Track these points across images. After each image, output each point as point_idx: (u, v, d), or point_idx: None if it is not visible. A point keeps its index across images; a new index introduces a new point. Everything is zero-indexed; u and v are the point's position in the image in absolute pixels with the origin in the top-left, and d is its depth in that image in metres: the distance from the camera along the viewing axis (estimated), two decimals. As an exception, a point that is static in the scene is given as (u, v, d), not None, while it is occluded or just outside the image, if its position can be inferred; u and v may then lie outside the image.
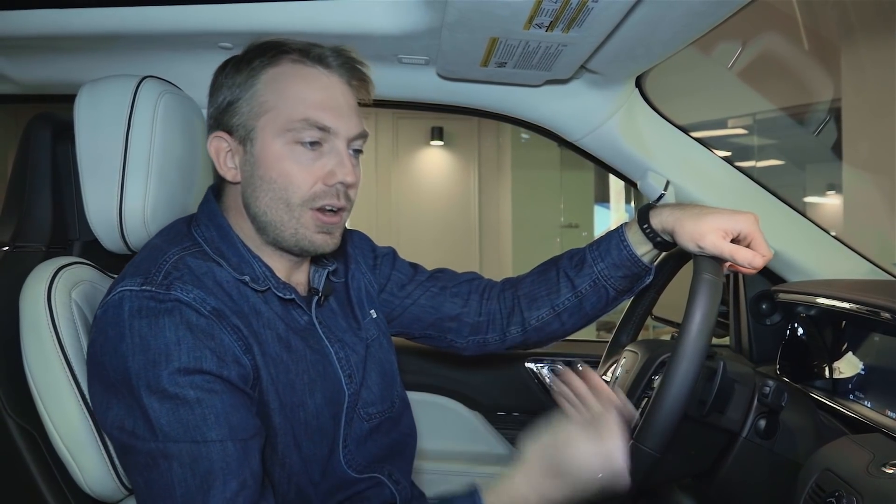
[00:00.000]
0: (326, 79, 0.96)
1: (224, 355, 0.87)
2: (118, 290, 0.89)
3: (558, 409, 0.96)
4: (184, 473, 0.82)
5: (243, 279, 0.95)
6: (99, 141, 1.09)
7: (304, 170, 0.94)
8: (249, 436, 0.87)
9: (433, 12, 1.09)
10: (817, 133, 3.87)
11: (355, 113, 0.98)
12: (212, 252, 0.97)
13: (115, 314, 0.87)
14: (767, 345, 1.49)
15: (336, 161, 0.95)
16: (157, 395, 0.83)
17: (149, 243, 1.01)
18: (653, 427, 0.91)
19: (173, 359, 0.84)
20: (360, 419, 1.05)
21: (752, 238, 1.01)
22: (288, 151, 0.94)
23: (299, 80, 0.95)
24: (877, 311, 1.11)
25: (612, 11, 0.96)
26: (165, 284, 0.88)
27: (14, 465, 1.02)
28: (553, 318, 1.19)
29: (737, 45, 2.75)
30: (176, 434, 0.82)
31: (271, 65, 0.95)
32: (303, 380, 0.97)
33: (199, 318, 0.87)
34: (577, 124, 1.43)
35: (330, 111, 0.94)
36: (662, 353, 1.17)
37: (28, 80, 1.44)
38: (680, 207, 1.07)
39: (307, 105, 0.94)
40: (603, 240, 1.16)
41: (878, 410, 1.12)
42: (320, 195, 0.95)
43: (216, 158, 0.99)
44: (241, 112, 0.96)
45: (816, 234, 1.47)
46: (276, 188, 0.94)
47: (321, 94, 0.95)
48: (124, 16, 1.19)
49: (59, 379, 0.99)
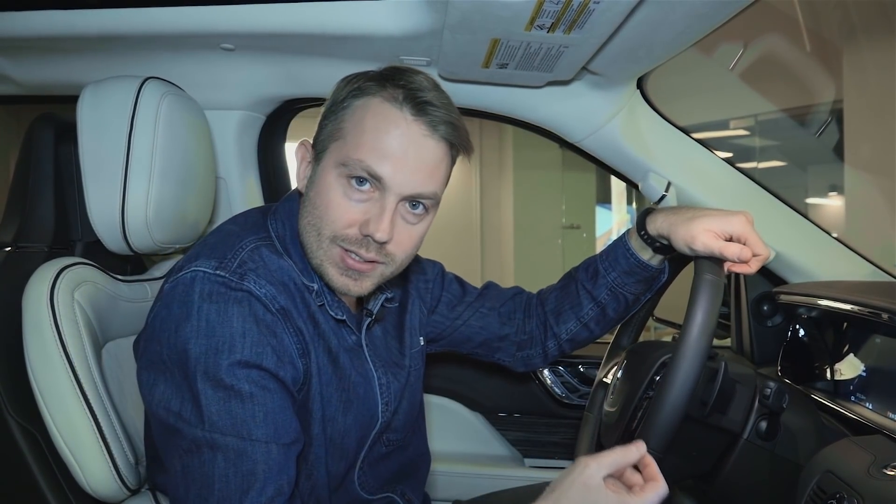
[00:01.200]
0: (406, 127, 0.88)
1: (283, 355, 0.87)
2: (191, 268, 0.87)
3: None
4: (227, 468, 0.81)
5: (311, 286, 0.94)
6: (102, 142, 1.09)
7: (344, 207, 0.89)
8: (291, 440, 0.86)
9: (435, 14, 1.09)
10: (819, 134, 3.87)
11: (424, 171, 0.89)
12: (282, 248, 0.95)
13: (184, 292, 0.85)
14: (768, 346, 1.49)
15: (377, 213, 0.88)
16: (212, 382, 0.82)
17: (223, 227, 0.99)
18: (654, 428, 0.91)
19: (236, 350, 0.83)
20: (381, 444, 1.05)
21: (745, 238, 0.99)
22: (339, 185, 0.89)
23: (379, 119, 0.89)
24: (878, 312, 1.11)
25: (613, 13, 0.96)
26: (239, 273, 0.87)
27: (16, 465, 1.02)
28: (581, 328, 1.23)
29: (738, 47, 2.75)
30: (223, 425, 0.81)
31: (369, 93, 0.90)
32: (340, 397, 0.96)
33: (267, 313, 0.87)
34: (579, 125, 1.43)
35: (390, 162, 0.87)
36: (664, 354, 1.17)
37: (31, 81, 1.45)
38: (673, 211, 1.07)
39: (371, 148, 0.88)
40: (611, 249, 1.18)
41: (879, 412, 1.12)
42: (350, 239, 0.90)
43: (298, 163, 0.97)
44: (325, 130, 0.94)
45: (818, 236, 1.47)
46: (316, 213, 0.91)
47: (391, 140, 0.88)
48: (127, 17, 1.19)
49: (62, 379, 0.99)
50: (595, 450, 1.34)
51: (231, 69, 1.38)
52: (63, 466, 1.02)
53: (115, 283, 1.14)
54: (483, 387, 1.79)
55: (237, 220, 1.01)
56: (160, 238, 1.14)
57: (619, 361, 1.32)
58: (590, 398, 1.43)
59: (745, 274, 1.02)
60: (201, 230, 1.27)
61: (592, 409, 1.40)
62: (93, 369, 1.02)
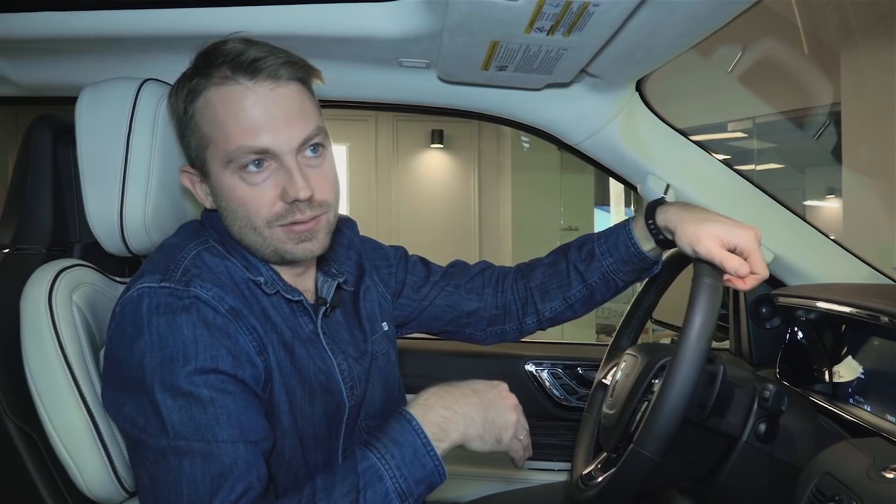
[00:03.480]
0: (253, 94, 0.88)
1: (239, 355, 0.87)
2: (137, 286, 0.88)
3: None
4: (194, 472, 0.81)
5: (257, 280, 0.95)
6: (100, 143, 1.09)
7: (257, 193, 0.90)
8: (259, 438, 0.86)
9: (434, 16, 1.09)
10: (817, 137, 3.88)
11: (297, 117, 0.90)
12: (223, 250, 0.96)
13: (133, 311, 0.86)
14: (767, 349, 1.49)
15: (286, 178, 0.90)
16: (170, 392, 0.82)
17: (165, 242, 1.00)
18: (653, 431, 0.91)
19: (190, 357, 0.83)
20: (360, 431, 1.05)
21: (748, 254, 0.98)
22: (238, 180, 0.90)
23: (226, 105, 0.88)
24: (877, 315, 1.11)
25: (613, 15, 0.96)
26: (184, 281, 0.88)
27: (13, 467, 1.02)
28: (566, 308, 1.22)
29: (737, 49, 2.76)
30: (187, 432, 0.82)
31: (202, 90, 0.90)
32: (303, 388, 0.97)
33: (217, 316, 0.87)
34: (578, 128, 1.43)
35: (263, 130, 0.88)
36: (662, 357, 1.17)
37: (29, 82, 1.45)
38: (685, 208, 1.06)
39: (237, 132, 0.88)
40: (611, 233, 1.16)
41: (877, 414, 1.12)
42: (283, 214, 0.91)
43: (192, 190, 0.98)
44: (191, 146, 0.94)
45: (816, 238, 1.47)
46: (239, 215, 0.92)
47: (249, 113, 0.88)
48: (125, 18, 1.19)
49: (60, 381, 0.98)
50: (594, 452, 1.34)
51: (230, 71, 1.38)
52: (61, 469, 1.02)
53: (113, 285, 1.14)
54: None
55: (178, 232, 1.02)
56: (158, 240, 1.13)
57: (618, 363, 1.32)
58: (588, 400, 1.43)
59: (738, 289, 1.01)
60: (200, 232, 1.27)
61: (591, 411, 1.40)
62: (91, 371, 1.02)
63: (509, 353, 1.36)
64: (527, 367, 1.77)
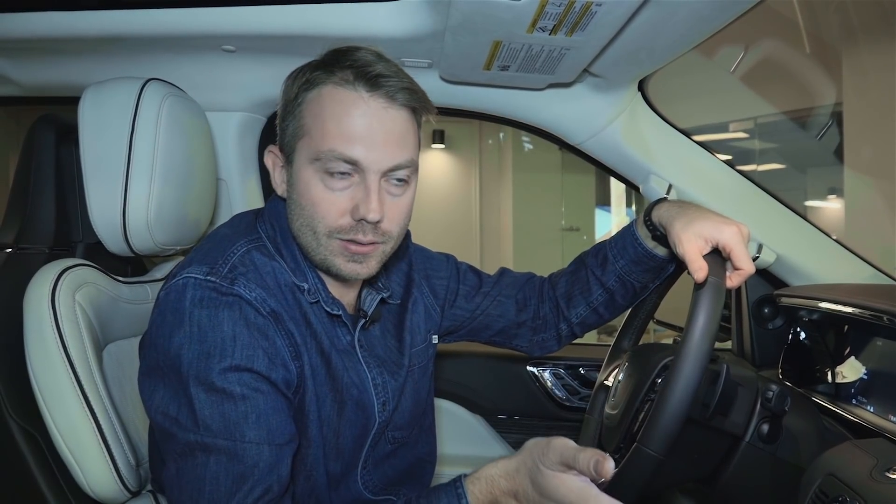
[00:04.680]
0: (365, 105, 0.88)
1: (275, 358, 0.88)
2: (183, 275, 0.88)
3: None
4: (218, 470, 0.82)
5: (301, 286, 0.95)
6: (103, 143, 1.09)
7: (330, 200, 0.90)
8: (285, 441, 0.87)
9: (436, 15, 1.09)
10: (819, 137, 3.87)
11: (395, 142, 0.90)
12: (273, 250, 0.96)
13: (176, 299, 0.87)
14: (769, 349, 1.49)
15: (363, 196, 0.89)
16: (204, 386, 0.83)
17: (217, 231, 1.00)
18: (656, 430, 0.90)
19: (227, 354, 0.84)
20: (385, 442, 1.05)
21: (730, 250, 0.97)
22: (318, 179, 0.90)
23: (335, 106, 0.89)
24: (879, 315, 1.11)
25: (615, 15, 0.96)
26: (230, 278, 0.88)
27: (16, 467, 1.02)
28: (590, 312, 1.23)
29: (739, 49, 2.76)
30: (216, 428, 0.82)
31: (320, 83, 0.91)
32: (334, 398, 0.97)
33: (258, 316, 0.87)
34: (580, 128, 1.43)
35: (360, 143, 0.88)
36: (665, 357, 1.17)
37: (32, 82, 1.45)
38: (679, 206, 1.06)
39: (335, 135, 0.88)
40: (620, 236, 1.18)
41: (880, 415, 1.12)
42: (346, 229, 0.91)
43: (271, 171, 0.98)
44: (287, 131, 0.94)
45: (818, 238, 1.47)
46: (305, 214, 0.92)
47: (354, 122, 0.88)
48: (128, 18, 1.19)
49: (63, 381, 0.99)
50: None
51: (232, 71, 1.38)
52: (64, 468, 1.02)
53: (115, 284, 1.14)
54: (484, 389, 1.79)
55: (232, 223, 1.02)
56: (161, 239, 1.14)
57: (620, 364, 1.32)
58: (591, 401, 1.43)
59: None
60: (202, 232, 1.27)
61: (593, 412, 1.40)
62: (94, 371, 1.02)
63: (511, 353, 1.36)
64: (529, 367, 1.77)
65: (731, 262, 0.98)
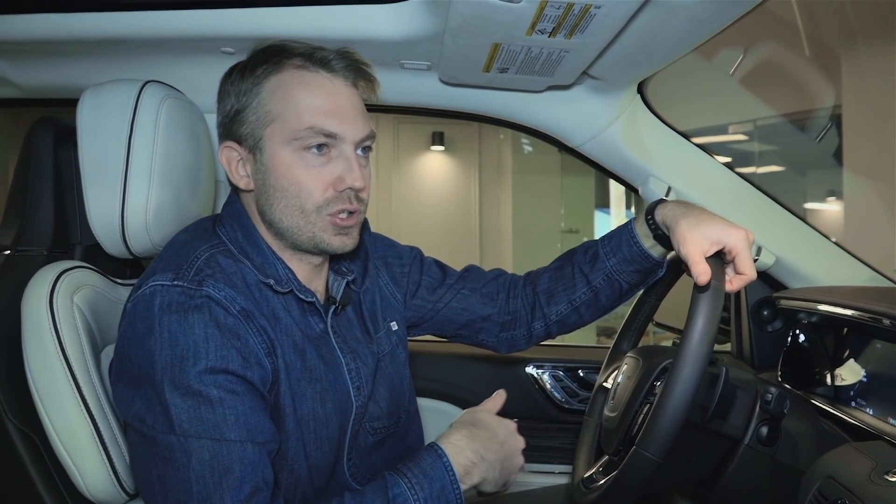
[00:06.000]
0: (330, 83, 0.95)
1: (248, 357, 0.88)
2: (149, 284, 0.88)
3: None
4: (202, 469, 0.81)
5: (267, 281, 0.96)
6: (101, 145, 1.09)
7: (314, 176, 0.94)
8: (266, 440, 0.87)
9: (436, 18, 1.09)
10: (818, 139, 3.87)
11: (361, 115, 0.98)
12: (237, 252, 0.97)
13: (145, 308, 0.87)
14: (769, 351, 1.49)
15: (344, 166, 0.95)
16: (179, 391, 0.83)
17: (175, 239, 1.01)
18: (655, 432, 0.90)
19: (201, 356, 0.84)
20: (365, 432, 1.05)
21: (736, 254, 0.98)
22: (297, 159, 0.94)
23: (303, 87, 0.94)
24: (878, 317, 1.11)
25: (614, 18, 0.96)
26: (197, 280, 0.88)
27: (14, 469, 1.02)
28: (571, 311, 1.22)
29: (738, 52, 2.76)
30: (196, 431, 0.82)
31: (275, 72, 0.95)
32: (315, 389, 0.97)
33: (228, 316, 0.87)
34: (579, 130, 1.43)
35: (335, 117, 0.94)
36: (664, 359, 1.17)
37: (30, 84, 1.45)
38: (684, 206, 1.05)
39: (312, 112, 0.93)
40: (615, 234, 1.17)
41: (880, 418, 1.12)
42: (332, 201, 0.95)
43: (228, 168, 0.99)
44: (249, 121, 0.96)
45: (817, 241, 1.47)
46: (289, 196, 0.95)
47: (325, 99, 0.94)
48: (127, 20, 1.19)
49: (61, 383, 0.98)
50: (595, 455, 1.34)
51: (231, 73, 1.38)
52: (61, 470, 1.01)
53: (114, 286, 1.14)
54: (482, 391, 1.79)
55: (188, 230, 1.03)
56: (159, 242, 1.13)
57: (619, 366, 1.32)
58: (590, 403, 1.43)
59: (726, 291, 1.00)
60: (201, 234, 1.27)
61: (592, 414, 1.40)
62: (92, 373, 1.02)
63: (510, 355, 1.36)
64: (528, 369, 1.77)
65: (735, 267, 0.99)
